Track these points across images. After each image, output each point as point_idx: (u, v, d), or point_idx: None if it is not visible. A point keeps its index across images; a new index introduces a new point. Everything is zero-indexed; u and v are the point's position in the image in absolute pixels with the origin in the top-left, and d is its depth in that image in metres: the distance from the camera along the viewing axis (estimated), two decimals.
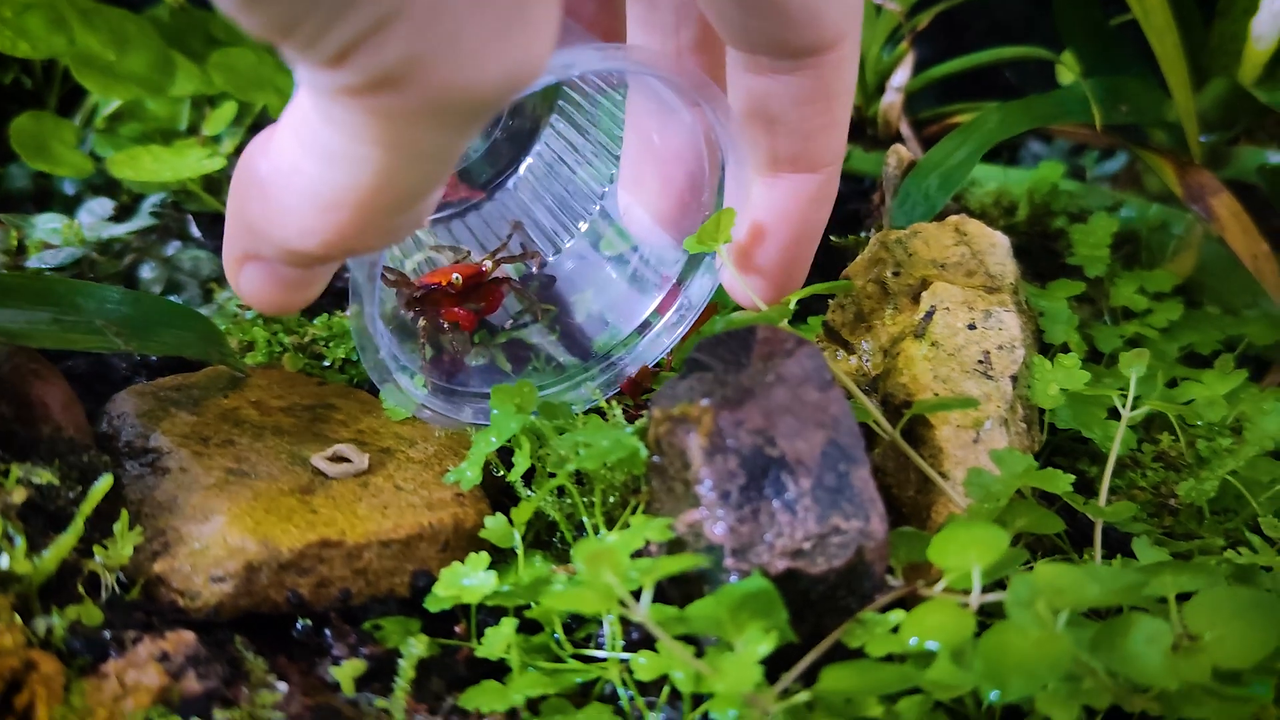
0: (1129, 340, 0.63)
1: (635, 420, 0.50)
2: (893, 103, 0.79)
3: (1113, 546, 0.50)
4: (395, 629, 0.45)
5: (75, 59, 0.68)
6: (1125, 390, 0.51)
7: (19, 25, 0.66)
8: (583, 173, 0.58)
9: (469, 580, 0.44)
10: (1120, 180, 0.79)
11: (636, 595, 0.37)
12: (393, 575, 0.46)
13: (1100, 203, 0.73)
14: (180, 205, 0.71)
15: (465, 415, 0.51)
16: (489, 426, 0.47)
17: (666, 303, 0.55)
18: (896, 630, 0.39)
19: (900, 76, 0.78)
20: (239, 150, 0.69)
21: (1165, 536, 0.51)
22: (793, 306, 0.48)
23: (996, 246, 0.56)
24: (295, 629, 0.44)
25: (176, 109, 0.74)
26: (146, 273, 0.67)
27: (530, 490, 0.48)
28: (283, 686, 0.41)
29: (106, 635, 0.40)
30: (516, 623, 0.43)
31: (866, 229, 0.70)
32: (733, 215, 0.49)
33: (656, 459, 0.43)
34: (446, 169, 0.35)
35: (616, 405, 0.52)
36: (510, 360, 0.55)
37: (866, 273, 0.56)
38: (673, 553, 0.41)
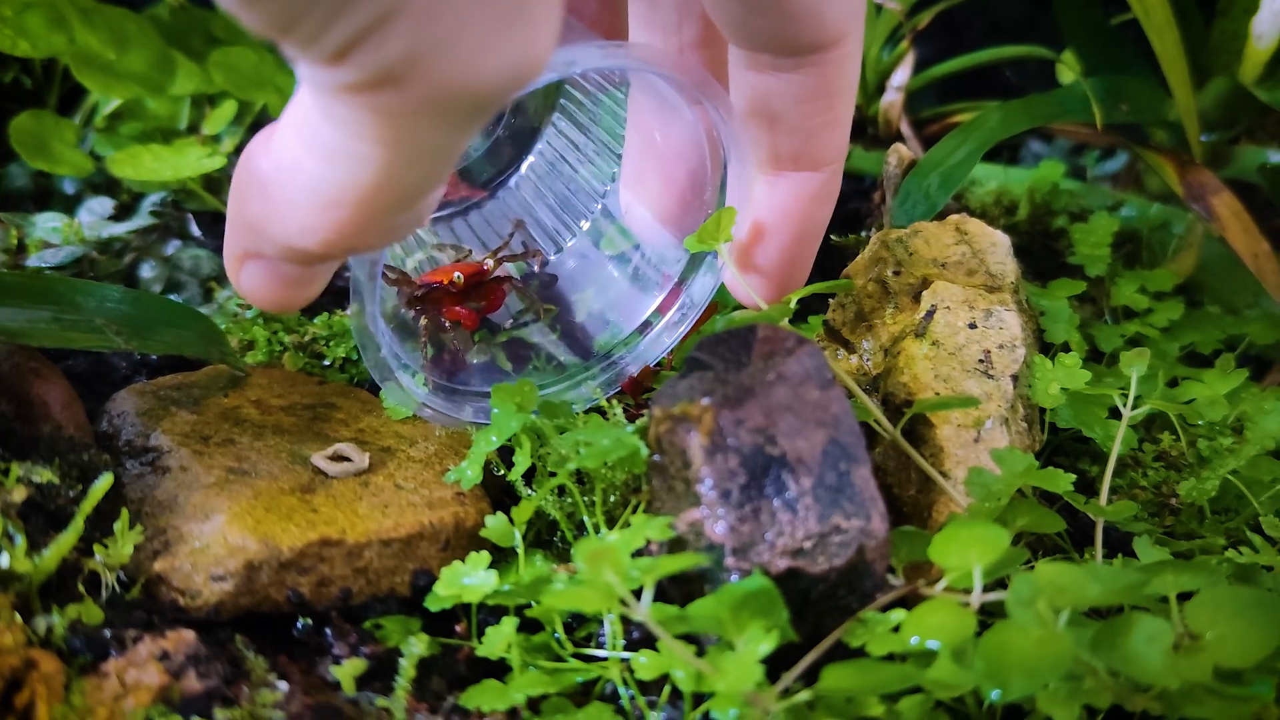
0: (1130, 339, 0.63)
1: (636, 419, 0.50)
2: (893, 102, 0.79)
3: (1114, 546, 0.50)
4: (396, 628, 0.45)
5: (75, 58, 0.68)
6: (1126, 390, 0.51)
7: (19, 24, 0.66)
8: (584, 171, 0.58)
9: (470, 579, 0.43)
10: (1121, 179, 0.79)
11: (637, 594, 0.37)
12: (393, 574, 0.46)
13: (1101, 202, 0.73)
14: (180, 204, 0.71)
15: (466, 414, 0.51)
16: (490, 425, 0.47)
17: (668, 302, 0.55)
18: (897, 629, 0.39)
19: (901, 76, 0.78)
20: (239, 149, 0.69)
21: (1166, 536, 0.51)
22: (793, 305, 0.48)
23: (997, 246, 0.56)
24: (296, 628, 0.44)
25: (177, 108, 0.74)
26: (146, 272, 0.67)
27: (531, 489, 0.48)
28: (283, 685, 0.41)
29: (107, 634, 0.40)
30: (517, 622, 0.43)
31: (867, 228, 0.70)
32: (734, 214, 0.49)
33: (657, 458, 0.42)
34: (448, 167, 0.35)
35: (617, 404, 0.51)
36: (511, 359, 0.55)
37: (867, 272, 0.56)
38: (673, 552, 0.41)
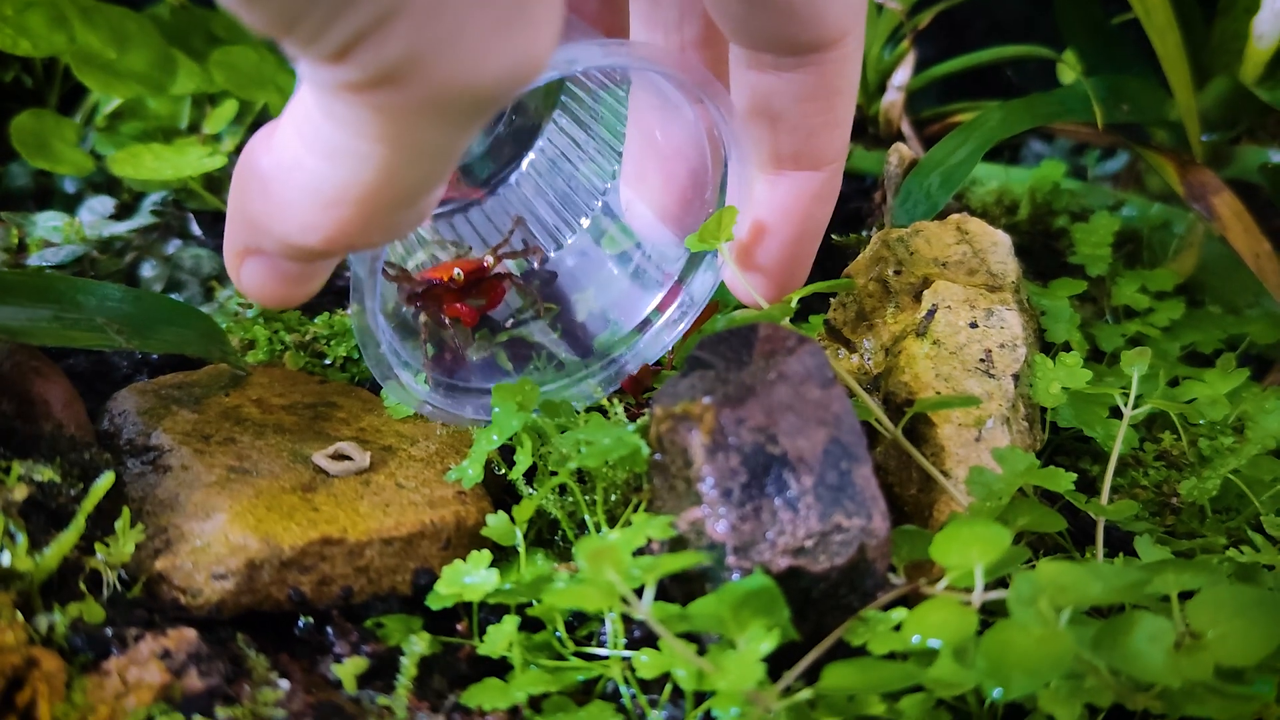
0: (1131, 339, 0.63)
1: (637, 418, 0.50)
2: (894, 101, 0.79)
3: (1115, 545, 0.50)
4: (397, 627, 0.45)
5: (76, 57, 0.68)
6: (1127, 389, 0.51)
7: (20, 23, 0.66)
8: (585, 169, 0.58)
9: (471, 578, 0.43)
10: (1122, 179, 0.79)
11: (638, 593, 0.37)
12: (394, 573, 0.46)
13: (1102, 202, 0.73)
14: (181, 203, 0.71)
15: (467, 412, 0.51)
16: (491, 424, 0.47)
17: (668, 299, 0.55)
18: (899, 628, 0.39)
19: (901, 75, 0.78)
20: (240, 148, 0.69)
21: (1167, 535, 0.51)
22: (795, 305, 0.48)
23: (998, 245, 0.56)
24: (297, 627, 0.44)
25: (177, 107, 0.74)
26: (147, 271, 0.67)
27: (532, 488, 0.48)
28: (285, 684, 0.41)
29: (108, 632, 0.40)
30: (518, 620, 0.43)
31: (868, 227, 0.70)
32: (734, 213, 0.49)
33: (658, 457, 0.42)
34: (449, 166, 0.35)
35: (618, 403, 0.52)
36: (512, 359, 0.55)
37: (868, 271, 0.56)
38: (674, 550, 0.41)
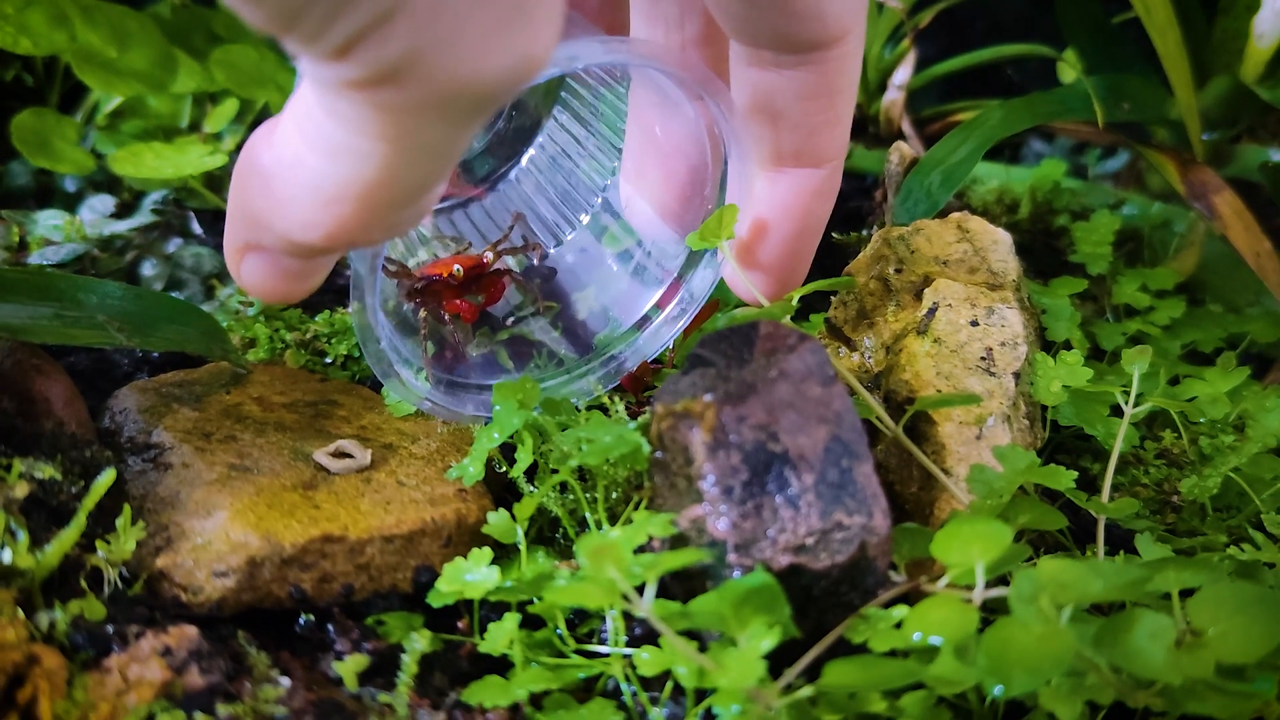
0: (1131, 338, 0.63)
1: (638, 416, 0.50)
2: (895, 100, 0.79)
3: (1115, 543, 0.50)
4: (398, 624, 0.45)
5: (77, 55, 0.68)
6: (1128, 387, 0.51)
7: (20, 22, 0.66)
8: (585, 165, 0.58)
9: (472, 575, 0.43)
10: (1122, 178, 0.79)
11: (639, 591, 0.37)
12: (395, 570, 0.46)
13: (1102, 200, 0.73)
14: (181, 202, 0.71)
15: (467, 409, 0.51)
16: (491, 422, 0.47)
17: (667, 296, 0.55)
18: (900, 626, 0.39)
19: (902, 74, 0.79)
20: (240, 147, 0.69)
21: (1168, 533, 0.51)
22: (795, 303, 0.48)
23: (999, 244, 0.56)
24: (298, 624, 0.44)
25: (178, 106, 0.74)
26: (148, 269, 0.67)
27: (533, 486, 0.48)
28: (285, 681, 0.41)
29: (109, 630, 0.40)
30: (519, 618, 0.43)
31: (869, 226, 0.70)
32: (735, 211, 0.49)
33: (659, 454, 0.42)
34: (450, 163, 0.35)
35: (619, 401, 0.52)
36: (513, 357, 0.55)
37: (869, 270, 0.56)
38: (675, 548, 0.41)
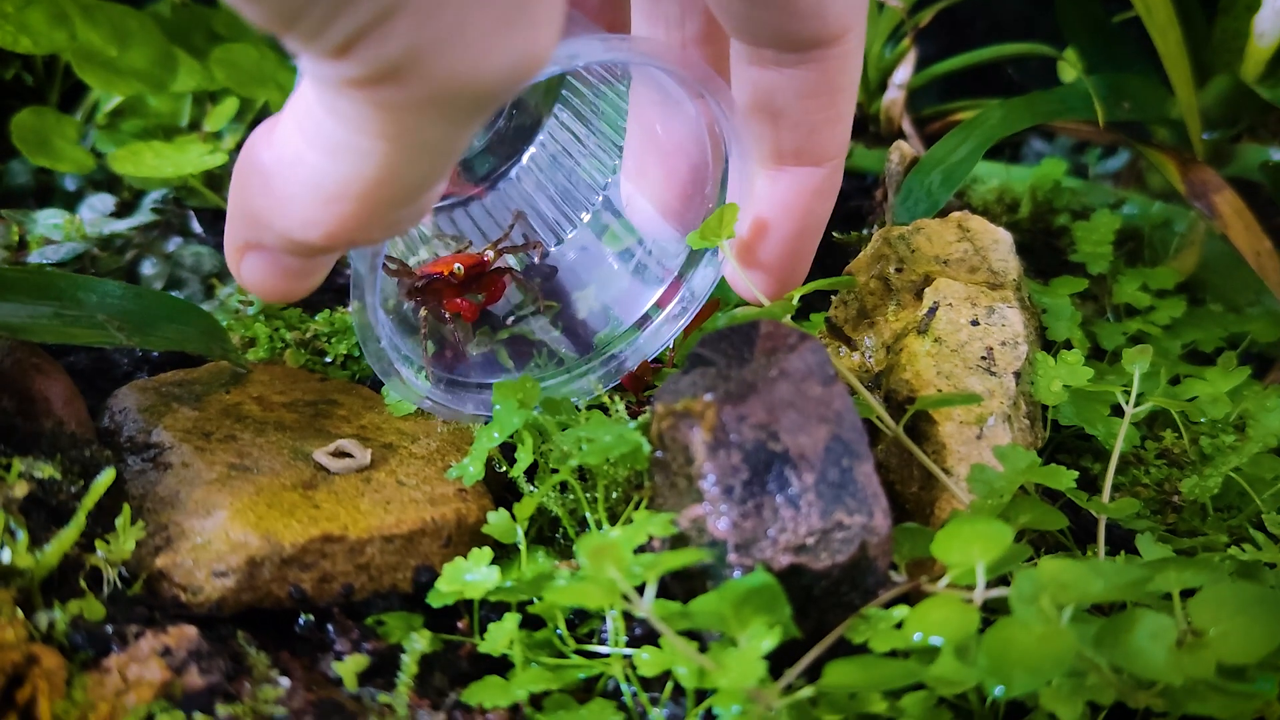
0: (1132, 337, 0.63)
1: (638, 415, 0.50)
2: (895, 100, 0.79)
3: (1116, 543, 0.50)
4: (398, 624, 0.45)
5: (77, 54, 0.68)
6: (1128, 387, 0.51)
7: (20, 20, 0.66)
8: (586, 164, 0.58)
9: (472, 575, 0.43)
10: (1123, 177, 0.79)
11: (640, 591, 0.37)
12: (395, 570, 0.46)
13: (1103, 200, 0.73)
14: (181, 201, 0.71)
15: (467, 408, 0.51)
16: (492, 421, 0.47)
17: (668, 295, 0.55)
18: (900, 626, 0.39)
19: (902, 73, 0.78)
20: (240, 146, 0.69)
21: (1169, 533, 0.51)
22: (796, 302, 0.48)
23: (999, 243, 0.55)
24: (298, 624, 0.44)
25: (178, 105, 0.74)
26: (148, 268, 0.67)
27: (533, 486, 0.48)
28: (285, 681, 0.41)
29: (108, 630, 0.40)
30: (519, 618, 0.43)
31: (869, 225, 0.70)
32: (735, 209, 0.49)
33: (659, 454, 0.42)
34: (450, 162, 0.35)
35: (619, 400, 0.52)
36: (513, 357, 0.55)
37: (869, 269, 0.56)
38: (676, 548, 0.41)
